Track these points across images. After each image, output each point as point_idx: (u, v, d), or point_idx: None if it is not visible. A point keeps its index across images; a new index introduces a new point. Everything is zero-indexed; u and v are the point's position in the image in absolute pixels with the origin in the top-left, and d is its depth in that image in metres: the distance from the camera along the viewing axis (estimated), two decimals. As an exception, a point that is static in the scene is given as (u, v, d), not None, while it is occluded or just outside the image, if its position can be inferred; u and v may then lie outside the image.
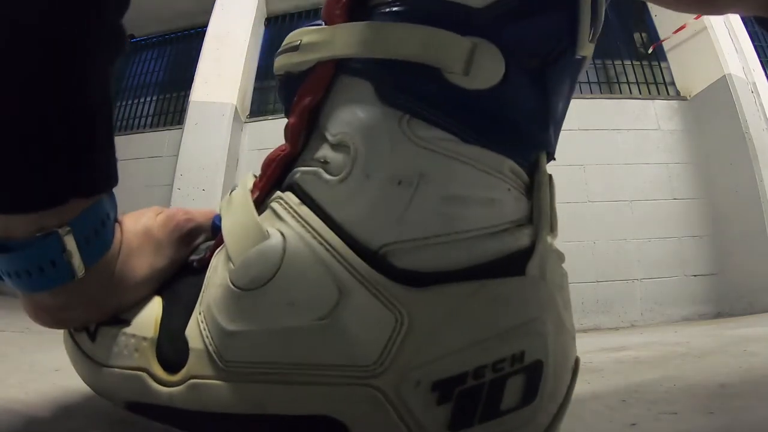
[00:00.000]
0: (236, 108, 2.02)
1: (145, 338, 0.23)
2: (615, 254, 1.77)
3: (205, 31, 2.17)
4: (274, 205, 0.22)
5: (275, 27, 2.45)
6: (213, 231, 0.29)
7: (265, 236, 0.21)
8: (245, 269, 0.21)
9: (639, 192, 1.85)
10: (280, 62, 0.24)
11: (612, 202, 1.83)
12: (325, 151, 0.22)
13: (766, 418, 0.27)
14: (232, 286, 0.21)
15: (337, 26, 0.22)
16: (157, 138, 2.16)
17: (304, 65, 0.22)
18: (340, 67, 0.22)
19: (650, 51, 2.17)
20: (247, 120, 2.13)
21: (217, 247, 0.24)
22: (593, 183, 1.83)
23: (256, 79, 2.27)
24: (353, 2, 0.22)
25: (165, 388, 0.22)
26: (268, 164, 0.24)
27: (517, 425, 0.19)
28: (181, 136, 1.97)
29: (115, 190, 0.24)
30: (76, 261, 0.22)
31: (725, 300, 1.75)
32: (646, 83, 2.13)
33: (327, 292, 0.20)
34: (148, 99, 2.44)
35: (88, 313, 0.25)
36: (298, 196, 0.22)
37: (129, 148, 2.12)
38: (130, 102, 2.47)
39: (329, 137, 0.21)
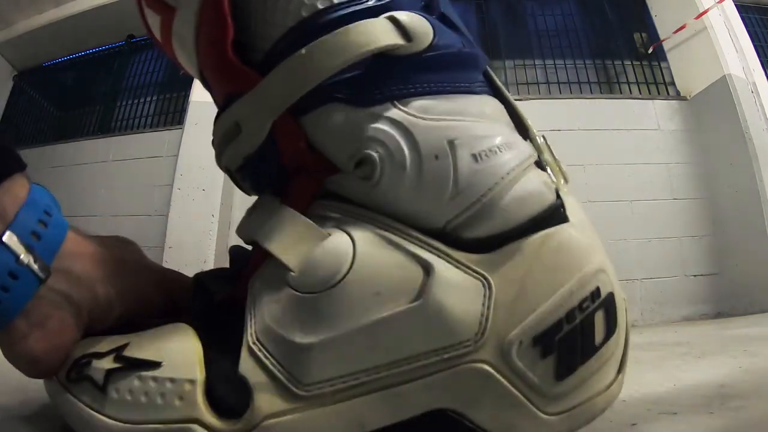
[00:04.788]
0: (236, 108, 2.02)
1: (190, 381, 0.19)
2: (615, 254, 1.77)
3: (205, 31, 2.17)
4: (319, 211, 0.21)
5: (275, 27, 2.44)
6: (232, 262, 0.26)
7: (325, 235, 0.20)
8: (312, 270, 0.19)
9: (639, 192, 1.85)
10: (233, 153, 0.23)
11: (612, 202, 1.83)
12: (344, 171, 0.21)
13: (766, 418, 0.27)
14: (298, 294, 0.19)
15: (262, 84, 0.21)
16: (157, 138, 2.16)
17: (261, 137, 0.21)
18: (296, 112, 0.21)
19: (650, 51, 2.17)
20: (247, 120, 2.13)
21: (248, 277, 0.22)
22: (593, 183, 1.83)
23: (256, 79, 2.27)
24: (241, 61, 0.21)
25: None
26: (300, 188, 0.23)
27: (609, 355, 0.20)
28: (181, 136, 1.98)
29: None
30: (35, 261, 0.20)
31: (725, 300, 1.75)
32: (646, 83, 2.13)
33: (411, 272, 0.19)
34: (148, 99, 2.43)
35: (77, 316, 0.22)
36: (338, 201, 0.21)
37: (129, 148, 2.12)
38: (130, 102, 2.47)
39: (340, 166, 0.21)
